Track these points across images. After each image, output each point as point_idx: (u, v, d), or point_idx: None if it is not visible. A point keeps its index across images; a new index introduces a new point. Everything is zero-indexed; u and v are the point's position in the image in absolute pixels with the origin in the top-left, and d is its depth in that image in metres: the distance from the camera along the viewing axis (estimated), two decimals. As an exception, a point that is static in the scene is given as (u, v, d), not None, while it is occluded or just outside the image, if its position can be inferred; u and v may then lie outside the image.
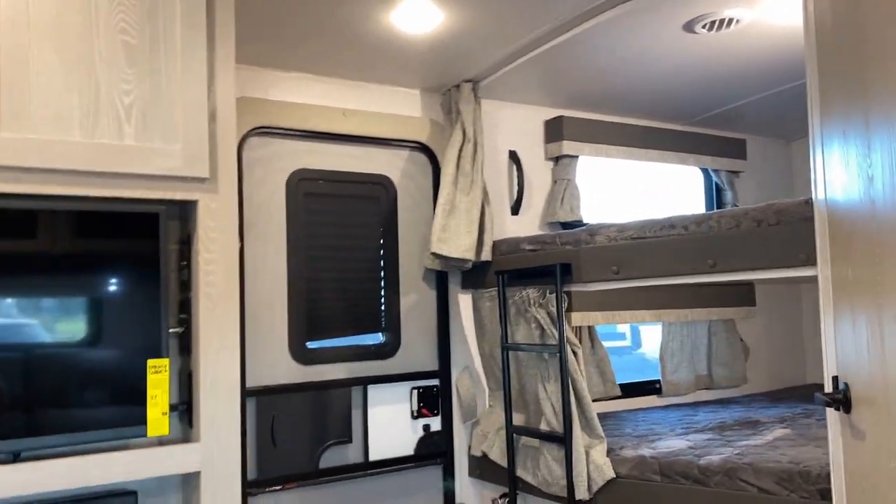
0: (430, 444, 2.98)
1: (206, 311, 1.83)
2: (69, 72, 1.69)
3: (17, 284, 1.71)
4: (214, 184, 1.87)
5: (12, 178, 1.64)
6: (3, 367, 1.68)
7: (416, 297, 3.00)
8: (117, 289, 1.80)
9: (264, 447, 2.62)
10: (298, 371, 2.71)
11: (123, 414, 1.76)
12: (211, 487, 1.79)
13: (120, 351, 1.79)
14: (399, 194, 2.97)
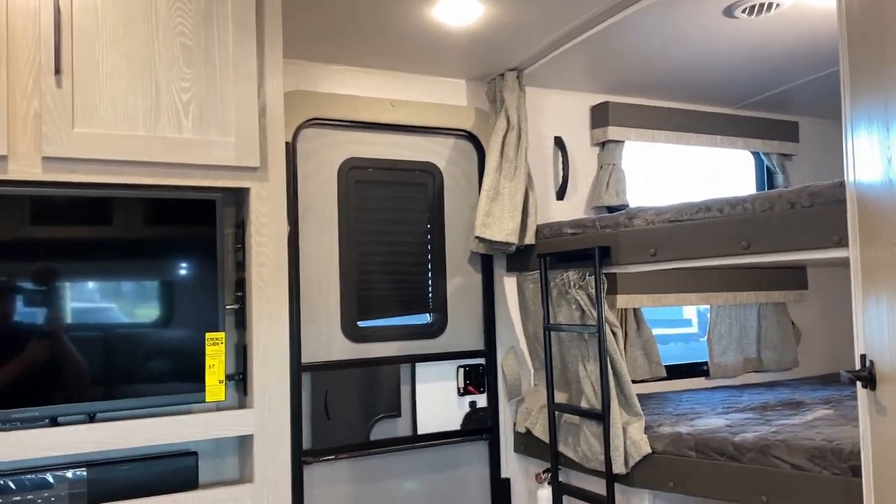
0: (476, 419, 3.11)
1: (257, 289, 2.01)
2: (134, 73, 1.88)
3: (96, 268, 1.92)
4: (265, 172, 2.04)
5: (85, 168, 1.84)
6: (85, 343, 1.89)
7: (462, 279, 3.12)
8: (181, 270, 1.99)
9: (318, 419, 2.80)
10: (350, 348, 2.88)
11: (185, 382, 1.95)
12: (263, 449, 1.97)
13: (183, 326, 1.98)
14: (445, 181, 3.10)
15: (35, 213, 1.85)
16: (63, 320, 1.86)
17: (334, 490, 2.81)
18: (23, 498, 1.81)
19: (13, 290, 1.83)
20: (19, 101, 1.76)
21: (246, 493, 1.95)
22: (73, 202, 1.88)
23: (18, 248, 1.84)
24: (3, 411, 1.77)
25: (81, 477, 1.88)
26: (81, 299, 1.90)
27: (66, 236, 1.88)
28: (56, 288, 1.86)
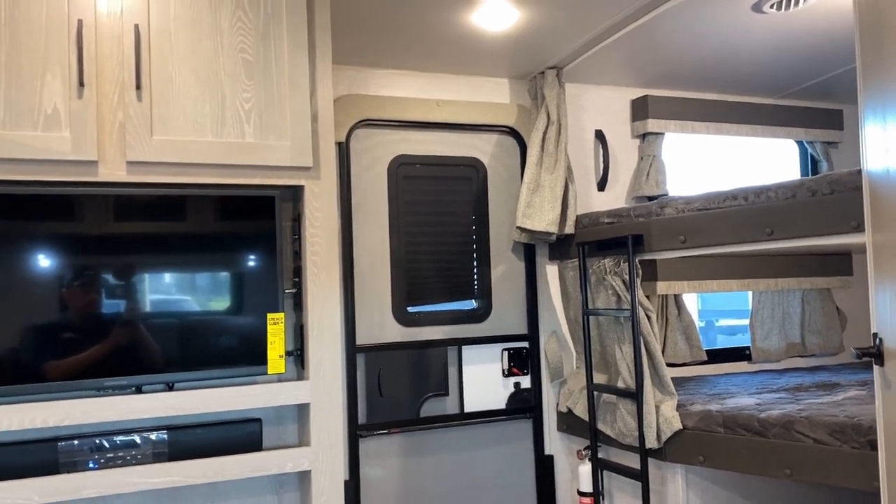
0: (520, 399, 3.30)
1: (312, 275, 2.25)
2: (202, 86, 2.15)
3: (172, 260, 2.20)
4: (317, 171, 2.28)
5: (162, 170, 2.11)
6: (163, 327, 2.18)
7: (506, 267, 3.31)
8: (246, 260, 2.25)
9: (372, 396, 3.05)
10: (401, 332, 3.11)
11: (250, 357, 2.22)
12: (318, 416, 2.21)
13: (248, 310, 2.24)
14: (489, 175, 3.29)
15: (118, 211, 2.14)
16: (143, 305, 2.15)
17: (387, 461, 3.05)
18: (115, 455, 2.11)
19: (100, 280, 2.12)
20: (107, 114, 2.05)
21: (304, 455, 2.20)
22: (151, 201, 2.17)
23: (104, 242, 2.13)
24: (97, 380, 2.07)
25: (162, 438, 2.17)
26: (158, 287, 2.18)
27: (146, 232, 2.17)
28: (136, 277, 2.15)
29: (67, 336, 2.07)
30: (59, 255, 2.07)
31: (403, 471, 3.07)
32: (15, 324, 2.01)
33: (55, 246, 2.06)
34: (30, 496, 1.95)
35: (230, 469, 2.13)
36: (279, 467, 2.18)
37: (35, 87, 1.97)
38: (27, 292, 2.03)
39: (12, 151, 1.94)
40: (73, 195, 2.08)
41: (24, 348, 2.02)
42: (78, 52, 2.00)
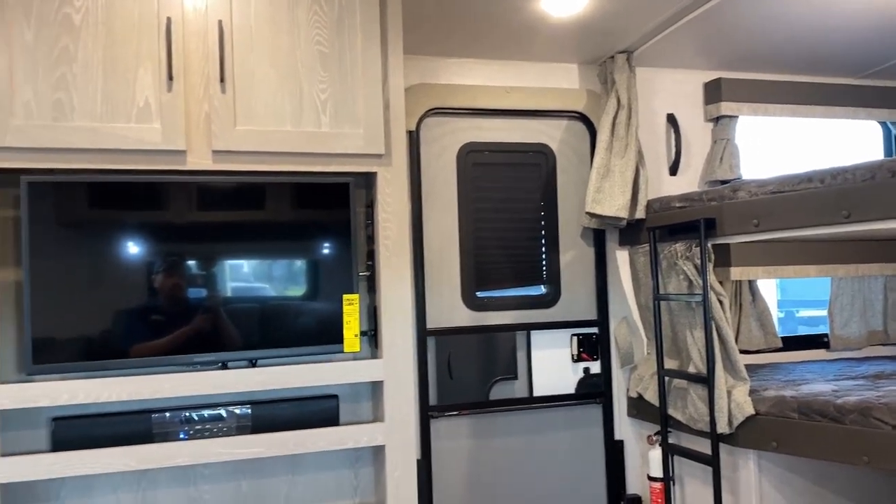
0: (590, 384, 3.31)
1: (384, 259, 2.34)
2: (281, 78, 2.25)
3: (252, 247, 2.32)
4: (389, 158, 2.36)
5: (245, 159, 2.23)
6: (244, 311, 2.30)
7: (575, 253, 3.32)
8: (322, 244, 2.35)
9: (443, 379, 3.12)
10: (470, 316, 3.17)
11: (327, 336, 2.32)
12: (392, 393, 2.30)
13: (324, 292, 2.35)
14: (558, 160, 3.31)
15: (202, 200, 2.27)
16: (225, 290, 2.27)
17: (457, 443, 3.12)
18: (203, 427, 2.25)
19: (186, 267, 2.25)
20: (194, 106, 2.18)
21: (378, 430, 2.30)
22: (233, 191, 2.29)
23: (190, 231, 2.27)
24: (186, 356, 2.21)
25: (246, 412, 2.30)
26: (239, 273, 2.31)
27: (228, 220, 2.29)
28: (219, 264, 2.28)
29: (156, 318, 2.22)
30: (149, 242, 2.21)
31: (473, 452, 3.14)
32: (109, 306, 2.16)
33: (145, 234, 2.21)
34: (127, 462, 2.11)
35: (309, 442, 2.24)
36: (354, 442, 2.28)
37: (129, 82, 2.11)
38: (120, 277, 2.18)
39: (109, 142, 2.09)
40: (160, 185, 2.22)
41: (118, 328, 2.17)
42: (167, 48, 2.14)
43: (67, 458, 2.07)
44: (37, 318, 2.07)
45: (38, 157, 2.06)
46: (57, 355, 2.10)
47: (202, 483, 2.31)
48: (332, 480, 2.41)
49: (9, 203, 2.22)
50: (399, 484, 2.30)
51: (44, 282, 2.08)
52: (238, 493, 2.33)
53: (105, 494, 2.22)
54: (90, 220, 2.15)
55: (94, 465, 2.08)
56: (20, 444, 2.18)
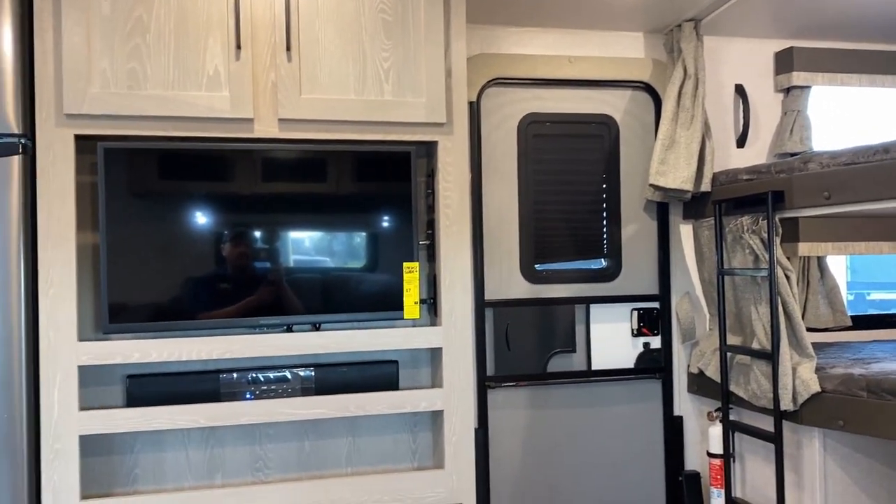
0: (650, 359, 3.28)
1: (445, 227, 2.36)
2: (345, 46, 2.28)
3: (316, 217, 2.37)
4: (450, 127, 2.37)
5: (310, 127, 2.28)
6: (308, 280, 2.36)
7: (637, 226, 3.28)
8: (383, 213, 2.39)
9: (500, 350, 3.14)
10: (528, 288, 3.17)
11: (388, 303, 2.36)
12: (450, 360, 2.33)
13: (385, 259, 2.38)
14: (621, 132, 3.25)
15: (266, 171, 2.32)
16: (289, 259, 2.33)
17: (514, 413, 3.14)
18: (268, 387, 2.33)
19: (251, 236, 2.32)
20: (260, 74, 2.22)
21: (437, 395, 2.33)
22: (296, 161, 2.34)
23: (255, 202, 2.33)
24: (253, 318, 2.28)
25: (310, 375, 2.37)
26: (303, 242, 2.36)
27: (291, 191, 2.34)
28: (283, 233, 2.33)
29: (223, 287, 2.29)
30: (216, 213, 2.28)
31: (530, 423, 3.15)
32: (179, 273, 2.24)
33: (212, 205, 2.28)
34: (196, 419, 2.20)
35: (369, 405, 2.29)
36: (413, 406, 2.32)
37: (199, 50, 2.17)
38: (189, 246, 2.25)
39: (180, 110, 2.16)
40: (227, 157, 2.28)
41: (187, 295, 2.25)
42: (235, 17, 2.18)
43: (141, 413, 2.17)
44: (113, 280, 2.17)
45: (113, 124, 2.15)
46: (131, 316, 2.20)
47: (267, 442, 2.39)
48: (391, 444, 2.46)
49: (86, 170, 2.31)
50: (457, 450, 2.34)
51: (119, 247, 2.18)
52: (301, 453, 2.41)
53: (176, 449, 2.32)
54: (161, 190, 2.23)
55: (165, 420, 2.18)
56: (98, 400, 2.29)
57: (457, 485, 2.32)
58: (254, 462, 2.37)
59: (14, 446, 2.10)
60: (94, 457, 2.26)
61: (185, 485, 2.31)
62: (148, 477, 2.30)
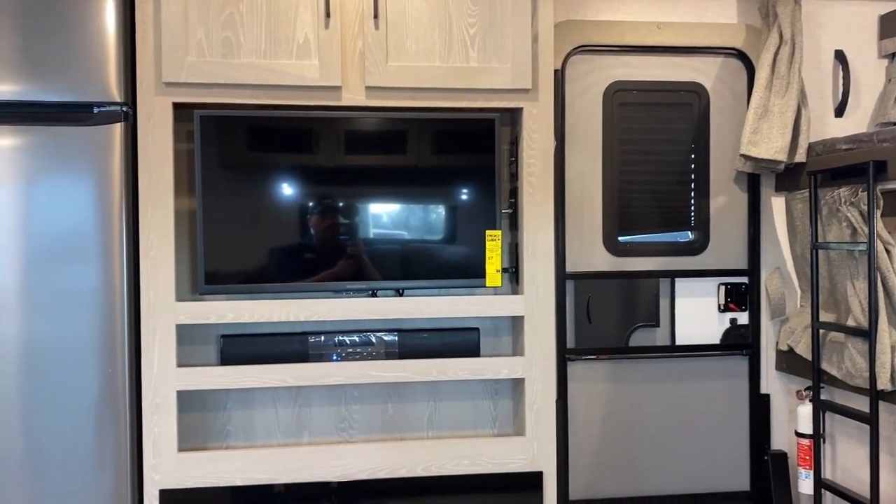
0: (736, 336, 3.19)
1: (528, 195, 2.35)
2: (431, 13, 2.28)
3: (395, 190, 2.40)
4: (535, 93, 2.35)
5: (396, 95, 2.30)
6: (391, 250, 2.39)
7: (726, 198, 3.17)
8: (466, 181, 2.39)
9: (581, 323, 3.11)
10: (611, 261, 3.12)
11: (470, 271, 2.38)
12: (532, 329, 2.33)
13: (468, 227, 2.39)
14: (712, 100, 3.14)
15: (349, 143, 2.36)
16: (372, 230, 2.37)
17: (594, 387, 3.12)
18: (353, 350, 2.39)
19: (334, 207, 2.36)
20: (348, 42, 2.26)
21: (518, 363, 2.34)
22: (378, 133, 2.37)
23: (338, 173, 2.37)
24: (339, 283, 2.33)
25: (393, 340, 2.41)
26: (385, 212, 2.40)
27: (373, 164, 2.37)
28: (365, 204, 2.37)
29: (309, 256, 2.36)
30: (302, 185, 2.35)
31: (610, 397, 3.12)
32: (268, 242, 2.32)
33: (298, 177, 2.34)
34: (285, 378, 2.28)
35: (451, 370, 2.32)
36: (494, 373, 2.33)
37: (290, 19, 2.22)
38: (277, 216, 2.33)
39: (271, 78, 2.22)
40: (312, 129, 2.33)
41: (275, 264, 2.33)
42: (325, -15, 2.22)
43: (234, 371, 2.27)
44: (208, 244, 2.26)
45: (208, 92, 2.23)
46: (224, 279, 2.29)
47: (352, 403, 2.45)
48: (471, 409, 2.49)
49: (183, 138, 2.40)
50: (538, 417, 2.34)
51: (213, 213, 2.26)
52: (384, 415, 2.47)
53: (266, 407, 2.42)
54: (251, 162, 2.31)
55: (256, 379, 2.26)
56: (193, 359, 2.40)
57: (537, 452, 2.33)
58: (339, 422, 2.44)
59: (117, 400, 2.23)
60: (191, 412, 2.38)
61: (274, 441, 2.41)
62: (239, 433, 2.40)
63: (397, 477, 2.31)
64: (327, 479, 2.28)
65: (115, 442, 2.23)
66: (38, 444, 2.20)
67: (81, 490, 2.21)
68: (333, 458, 2.29)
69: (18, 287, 2.17)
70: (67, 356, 2.18)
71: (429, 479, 2.31)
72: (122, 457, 2.23)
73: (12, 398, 2.19)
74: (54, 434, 2.20)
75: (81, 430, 2.21)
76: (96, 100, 2.17)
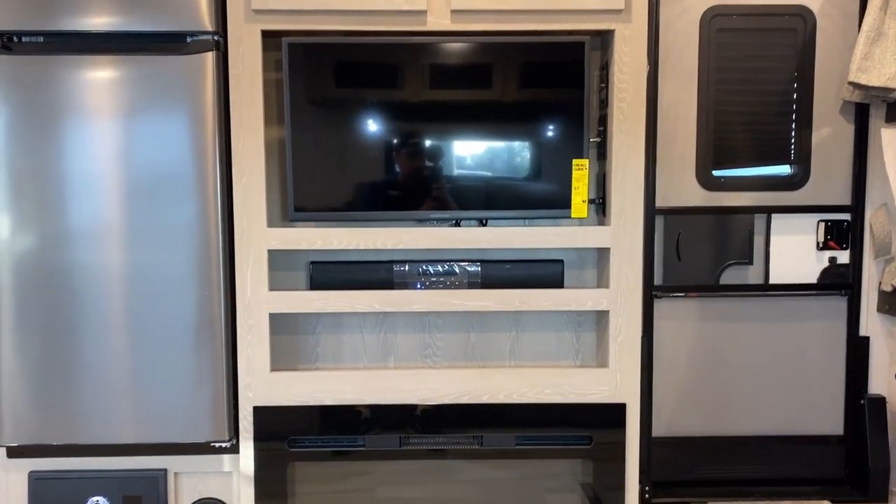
0: (835, 275, 3.04)
1: (618, 122, 2.27)
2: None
3: (480, 122, 2.36)
4: (628, 14, 2.25)
5: (482, 18, 2.24)
6: (474, 184, 2.36)
7: (831, 130, 2.99)
8: (554, 112, 2.33)
9: (670, 259, 3.02)
10: (703, 196, 3.00)
11: (555, 202, 2.34)
12: (618, 261, 2.29)
13: (555, 155, 2.34)
14: (819, 23, 2.93)
15: (433, 77, 2.33)
16: (456, 166, 2.35)
17: (682, 324, 3.05)
18: (437, 279, 2.41)
19: (419, 141, 2.35)
20: (436, -36, 2.21)
21: (603, 295, 2.31)
22: (462, 66, 2.31)
23: (422, 108, 2.35)
24: (425, 212, 2.34)
25: (477, 270, 2.42)
26: (469, 147, 2.37)
27: (458, 98, 2.34)
28: (449, 140, 2.35)
29: (394, 188, 2.36)
30: (387, 120, 2.34)
31: (698, 335, 3.05)
32: (354, 171, 2.34)
33: (383, 112, 2.33)
34: (372, 304, 2.33)
35: (534, 301, 2.31)
36: (579, 304, 2.31)
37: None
38: (361, 148, 2.33)
39: (357, 3, 2.20)
40: (397, 63, 2.31)
41: (362, 191, 2.36)
42: None
43: (324, 296, 2.33)
44: (298, 171, 2.30)
45: (296, 18, 2.24)
46: (314, 206, 2.33)
47: (435, 331, 2.49)
48: (553, 340, 2.48)
49: (271, 67, 2.43)
50: (622, 349, 2.31)
51: (301, 143, 2.30)
52: (467, 344, 2.49)
53: (353, 332, 2.48)
54: (337, 97, 2.32)
55: (344, 303, 2.32)
56: (285, 284, 2.48)
57: (620, 384, 2.31)
58: (423, 349, 2.48)
59: (213, 322, 2.34)
60: (282, 335, 2.47)
61: (361, 365, 2.48)
62: (328, 356, 2.48)
63: (479, 403, 2.34)
64: (412, 402, 2.34)
65: (213, 361, 2.35)
66: (142, 361, 2.34)
67: (182, 405, 2.35)
68: (418, 381, 2.34)
69: (121, 213, 2.29)
70: (166, 280, 2.30)
71: (510, 407, 2.34)
72: (219, 375, 2.35)
73: (118, 320, 2.33)
74: (157, 353, 2.33)
75: (181, 349, 2.33)
76: (189, 29, 2.22)
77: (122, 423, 2.35)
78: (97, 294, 2.32)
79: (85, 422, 2.35)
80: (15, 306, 2.30)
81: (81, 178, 2.28)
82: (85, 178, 2.28)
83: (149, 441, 2.36)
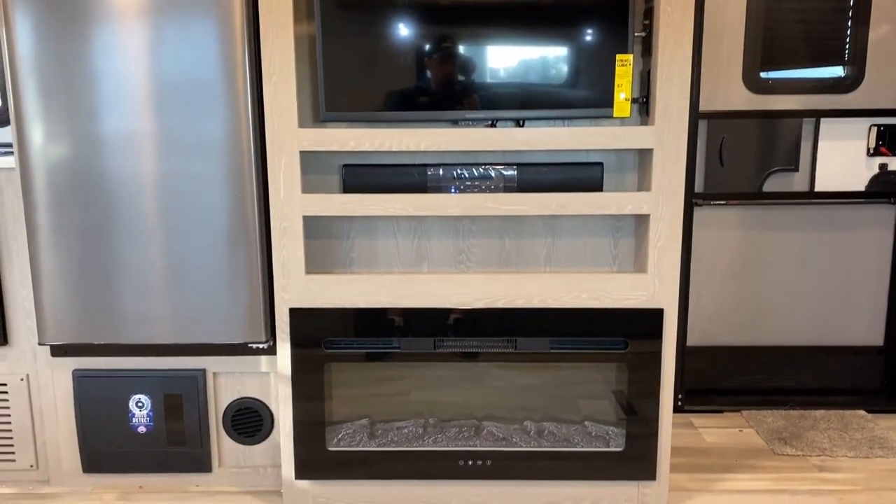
0: (885, 182, 2.93)
1: (665, 14, 2.14)
2: None
3: (516, 28, 2.23)
4: None
5: None
6: (508, 84, 2.25)
7: (890, 28, 2.81)
8: (594, 5, 2.19)
9: (712, 165, 2.93)
10: (749, 99, 2.88)
11: (596, 101, 2.24)
12: (661, 162, 2.20)
13: (597, 50, 2.23)
14: (884, -89, 2.73)
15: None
16: (488, 66, 2.24)
17: (722, 233, 2.98)
18: (472, 183, 2.35)
19: (454, 45, 2.24)
20: None
21: (643, 198, 2.24)
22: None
23: (455, 12, 2.22)
24: (460, 112, 2.27)
25: (512, 174, 2.35)
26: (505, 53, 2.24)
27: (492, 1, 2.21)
28: (482, 47, 2.23)
29: (429, 89, 2.27)
30: (421, 24, 2.21)
31: (739, 243, 2.99)
32: (387, 71, 2.24)
33: (416, 15, 2.21)
34: (405, 207, 2.28)
35: (572, 204, 2.25)
36: (618, 208, 2.25)
37: None
38: (395, 48, 2.22)
39: None
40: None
41: (396, 91, 2.26)
42: None
43: (357, 199, 2.29)
44: (329, 69, 2.22)
45: None
46: (345, 106, 2.27)
47: (470, 237, 2.45)
48: (590, 246, 2.43)
49: (301, -39, 2.33)
50: (661, 255, 2.26)
51: (332, 40, 2.21)
52: (501, 250, 2.46)
53: (387, 238, 2.45)
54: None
55: (377, 207, 2.29)
56: (317, 188, 2.45)
57: (658, 289, 2.27)
58: (457, 255, 2.45)
59: (248, 224, 2.33)
60: (316, 240, 2.45)
61: (395, 270, 2.46)
62: (362, 261, 2.46)
63: (514, 307, 2.32)
64: (446, 306, 2.32)
65: (248, 263, 2.35)
66: (178, 264, 2.35)
67: (219, 307, 2.37)
68: (453, 286, 2.32)
69: (152, 113, 2.25)
70: (198, 180, 2.28)
71: (545, 312, 2.32)
72: (255, 277, 2.36)
73: (153, 222, 2.33)
74: (192, 255, 2.34)
75: (216, 252, 2.34)
76: (215, -80, 2.12)
77: (161, 324, 2.39)
78: (131, 197, 2.32)
79: (124, 322, 2.38)
80: (51, 207, 2.31)
81: (111, 80, 2.24)
82: (115, 79, 2.24)
83: (187, 342, 2.40)
